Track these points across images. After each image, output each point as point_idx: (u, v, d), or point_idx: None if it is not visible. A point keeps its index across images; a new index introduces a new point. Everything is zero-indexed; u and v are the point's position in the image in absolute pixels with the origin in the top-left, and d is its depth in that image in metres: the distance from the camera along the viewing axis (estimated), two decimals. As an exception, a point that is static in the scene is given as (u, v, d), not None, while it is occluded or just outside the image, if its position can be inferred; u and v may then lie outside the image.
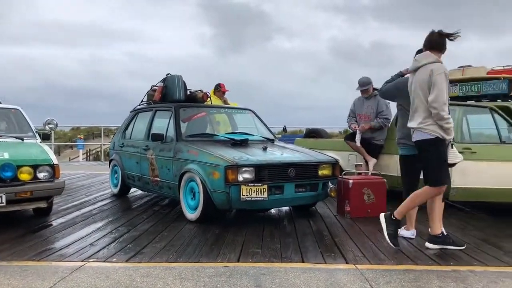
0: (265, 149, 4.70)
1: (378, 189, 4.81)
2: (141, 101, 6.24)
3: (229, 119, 6.02)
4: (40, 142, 5.08)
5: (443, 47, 3.46)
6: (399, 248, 3.49)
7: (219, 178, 4.13)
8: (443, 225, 3.63)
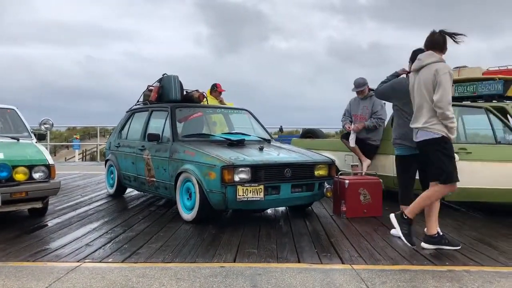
0: (261, 149, 4.70)
1: (374, 189, 4.82)
2: (137, 101, 6.22)
3: (225, 119, 6.02)
4: (35, 142, 5.06)
5: (445, 47, 3.45)
6: (415, 247, 3.45)
7: (216, 178, 4.13)
8: (438, 225, 3.64)
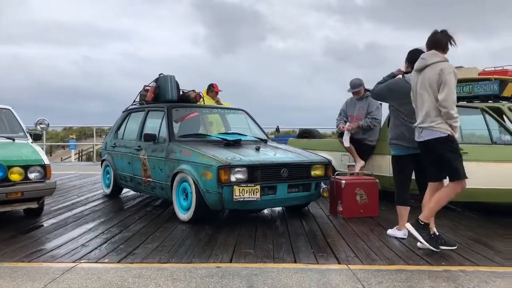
0: (258, 149, 4.70)
1: (370, 190, 4.82)
2: (134, 101, 6.21)
3: (222, 119, 6.01)
4: (31, 142, 5.04)
5: (447, 46, 3.45)
6: (440, 250, 3.41)
7: (212, 178, 4.12)
8: (435, 225, 3.64)
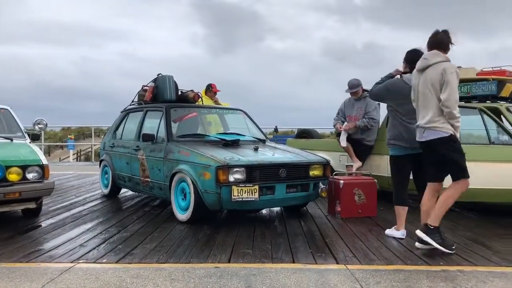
0: (256, 149, 4.70)
1: (368, 190, 4.83)
2: (132, 101, 6.20)
3: (220, 119, 6.01)
4: (29, 142, 5.04)
5: (448, 46, 3.46)
6: (454, 251, 3.40)
7: (210, 178, 4.12)
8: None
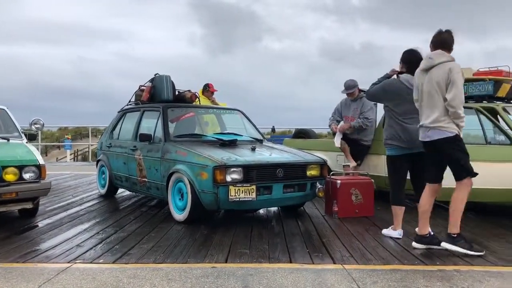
0: (253, 149, 4.70)
1: (365, 190, 4.84)
2: (129, 101, 6.20)
3: (217, 119, 6.01)
4: (26, 142, 5.02)
5: (452, 46, 3.45)
6: (484, 252, 3.41)
7: (207, 178, 4.12)
8: (429, 225, 3.65)
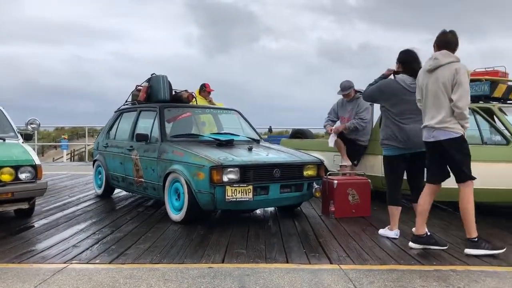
0: (250, 149, 4.70)
1: (362, 190, 4.84)
2: (126, 101, 6.18)
3: (214, 119, 6.01)
4: (22, 142, 5.00)
5: (457, 46, 3.45)
6: (505, 248, 3.39)
7: (204, 178, 4.11)
8: (426, 225, 3.66)
